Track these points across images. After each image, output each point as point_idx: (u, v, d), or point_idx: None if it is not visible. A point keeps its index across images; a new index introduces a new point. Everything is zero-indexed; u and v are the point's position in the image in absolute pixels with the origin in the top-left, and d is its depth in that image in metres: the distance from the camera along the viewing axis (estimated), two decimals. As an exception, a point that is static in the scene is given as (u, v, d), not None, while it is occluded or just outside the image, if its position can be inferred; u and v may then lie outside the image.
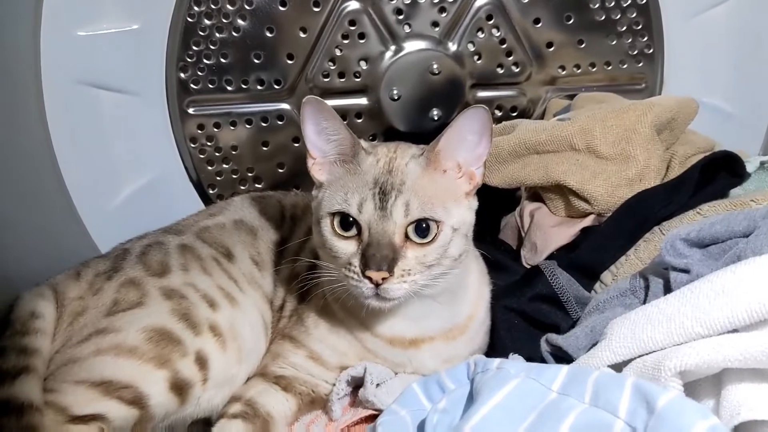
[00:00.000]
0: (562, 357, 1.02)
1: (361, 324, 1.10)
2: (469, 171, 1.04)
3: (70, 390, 1.00)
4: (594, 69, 1.64)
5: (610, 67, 1.64)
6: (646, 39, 1.61)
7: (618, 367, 0.86)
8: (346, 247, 1.00)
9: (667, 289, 0.96)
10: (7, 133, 1.36)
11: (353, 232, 0.99)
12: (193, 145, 1.60)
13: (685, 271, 0.93)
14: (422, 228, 0.98)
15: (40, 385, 1.01)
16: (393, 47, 1.59)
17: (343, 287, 1.01)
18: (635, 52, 1.62)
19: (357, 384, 1.11)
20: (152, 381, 1.03)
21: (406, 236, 0.98)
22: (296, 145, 1.64)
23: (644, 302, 1.00)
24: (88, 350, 1.04)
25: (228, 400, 1.11)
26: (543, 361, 1.05)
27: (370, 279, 0.95)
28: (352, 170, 1.03)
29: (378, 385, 1.08)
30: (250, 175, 1.65)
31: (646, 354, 0.83)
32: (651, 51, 1.62)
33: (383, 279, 0.95)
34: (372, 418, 1.04)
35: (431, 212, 0.98)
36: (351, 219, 0.99)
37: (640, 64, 1.64)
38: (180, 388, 1.05)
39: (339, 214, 1.00)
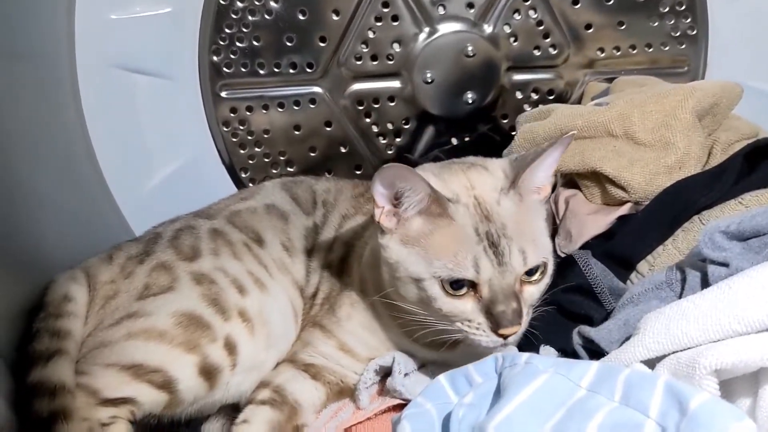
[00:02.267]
0: (595, 350, 0.99)
1: (406, 332, 1.08)
2: (543, 187, 1.02)
3: (101, 373, 1.02)
4: (634, 51, 1.59)
5: (651, 50, 1.59)
6: (689, 20, 1.56)
7: (651, 363, 0.84)
8: (463, 306, 0.95)
9: (705, 282, 0.93)
10: (43, 116, 1.38)
11: (465, 289, 0.94)
12: (225, 129, 1.60)
13: (724, 264, 0.90)
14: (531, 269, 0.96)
15: (72, 368, 1.03)
16: (427, 29, 1.56)
17: (450, 336, 0.98)
18: (678, 34, 1.57)
19: (385, 373, 1.11)
20: (182, 365, 1.04)
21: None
22: (328, 129, 1.63)
23: (680, 296, 0.97)
24: (119, 334, 1.06)
25: (257, 386, 1.11)
26: (575, 353, 1.03)
27: (503, 335, 0.93)
28: (443, 225, 0.95)
29: (406, 374, 1.08)
30: (282, 158, 1.65)
31: (681, 351, 0.80)
32: (694, 32, 1.57)
33: (515, 332, 0.94)
34: (399, 408, 1.03)
35: (542, 253, 0.96)
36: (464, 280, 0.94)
37: (683, 47, 1.58)
38: (209, 373, 1.06)
39: (449, 280, 0.94)
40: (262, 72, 1.57)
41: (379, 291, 1.06)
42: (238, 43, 1.53)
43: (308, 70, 1.58)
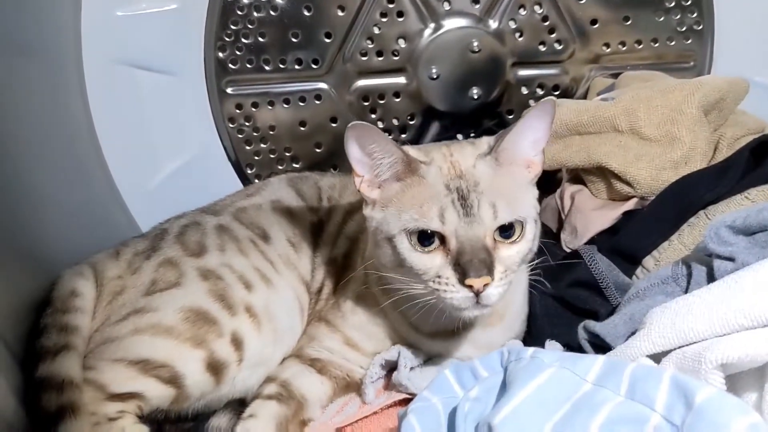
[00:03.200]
0: (600, 345, 0.99)
1: (406, 321, 1.09)
2: (529, 160, 1.01)
3: (109, 368, 1.03)
4: (640, 46, 1.59)
5: (656, 45, 1.58)
6: (695, 15, 1.55)
7: (657, 358, 0.84)
8: (431, 261, 0.94)
9: (711, 277, 0.93)
10: (50, 112, 1.38)
11: (435, 244, 0.94)
12: (231, 125, 1.60)
13: (730, 259, 0.90)
14: (506, 227, 0.94)
15: (80, 363, 1.03)
16: (432, 25, 1.56)
17: (426, 302, 0.96)
18: (683, 29, 1.57)
19: (391, 367, 1.11)
20: (188, 361, 1.05)
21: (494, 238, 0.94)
22: (334, 125, 1.63)
23: (686, 290, 0.97)
24: (126, 329, 1.06)
25: (263, 381, 1.12)
26: (580, 348, 1.03)
27: (470, 287, 0.90)
28: (414, 183, 0.97)
29: (412, 368, 1.08)
30: (287, 154, 1.65)
31: (687, 345, 0.80)
32: (700, 27, 1.56)
33: (485, 285, 0.90)
34: (405, 402, 1.04)
35: (517, 212, 0.95)
36: (430, 232, 0.94)
37: (689, 41, 1.58)
38: (215, 368, 1.06)
39: (416, 232, 0.94)
40: (267, 68, 1.57)
41: (381, 284, 1.07)
42: (243, 40, 1.53)
43: (313, 66, 1.58)
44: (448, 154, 1.00)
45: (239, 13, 1.51)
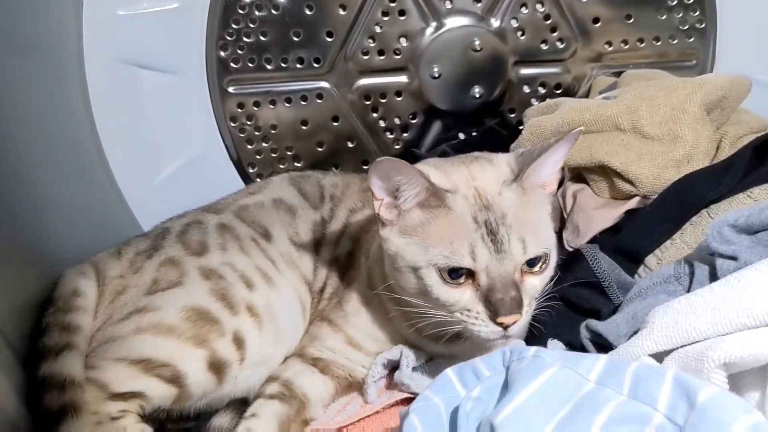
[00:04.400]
0: (602, 344, 0.99)
1: (411, 325, 1.08)
2: (546, 181, 1.01)
3: (111, 367, 1.03)
4: (642, 45, 1.59)
5: (659, 43, 1.58)
6: (697, 13, 1.55)
7: (659, 357, 0.83)
8: (460, 296, 0.94)
9: (713, 276, 0.93)
10: (52, 111, 1.39)
11: (464, 278, 0.93)
12: (233, 124, 1.60)
13: (733, 258, 0.90)
14: (533, 258, 0.94)
15: (81, 362, 1.04)
16: (434, 24, 1.56)
17: (450, 328, 0.97)
18: (686, 27, 1.56)
19: (393, 367, 1.11)
20: (190, 360, 1.05)
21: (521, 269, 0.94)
22: (335, 123, 1.63)
23: (689, 289, 0.97)
24: (128, 328, 1.07)
25: (265, 380, 1.12)
26: (582, 347, 1.03)
27: (501, 324, 0.91)
28: (440, 215, 0.95)
29: (414, 368, 1.08)
30: (289, 153, 1.65)
31: (689, 344, 0.80)
32: (703, 26, 1.56)
33: (515, 321, 0.91)
34: (407, 401, 1.03)
35: (544, 244, 0.95)
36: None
37: (691, 40, 1.58)
38: (217, 368, 1.06)
39: (447, 268, 0.93)
40: (269, 67, 1.57)
41: (390, 292, 1.06)
42: (245, 39, 1.53)
43: (315, 65, 1.58)
44: (470, 178, 0.98)
45: (241, 12, 1.51)
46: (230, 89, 1.58)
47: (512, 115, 1.65)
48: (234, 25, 1.52)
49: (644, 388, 0.68)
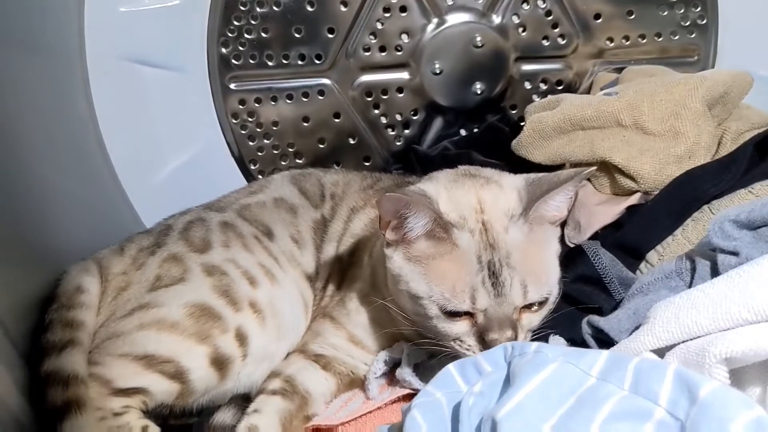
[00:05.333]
0: (604, 340, 0.99)
1: (412, 325, 1.08)
2: (555, 215, 1.00)
3: (114, 363, 1.03)
4: (644, 41, 1.59)
5: (660, 39, 1.58)
6: (699, 9, 1.55)
7: (660, 353, 0.84)
8: (457, 329, 0.95)
9: (715, 271, 0.93)
10: (54, 108, 1.39)
11: (462, 315, 0.94)
12: (234, 121, 1.61)
13: (734, 253, 0.90)
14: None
15: (85, 358, 1.04)
16: (435, 20, 1.56)
17: (432, 339, 0.98)
18: (687, 23, 1.56)
19: (395, 363, 1.11)
20: (193, 356, 1.05)
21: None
22: (337, 120, 1.63)
23: (690, 285, 0.97)
24: (131, 325, 1.07)
25: (267, 376, 1.12)
26: (584, 343, 1.03)
27: None
28: (446, 252, 0.94)
29: (416, 364, 1.08)
30: (291, 150, 1.65)
31: (691, 339, 0.80)
32: (704, 21, 1.56)
33: None
34: (409, 398, 1.03)
35: (545, 289, 0.95)
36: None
37: (693, 36, 1.58)
38: (220, 364, 1.06)
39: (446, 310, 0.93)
40: (270, 64, 1.57)
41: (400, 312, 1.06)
42: (246, 35, 1.54)
43: (317, 61, 1.58)
44: (478, 208, 0.96)
45: (242, 8, 1.51)
46: (232, 86, 1.58)
47: (514, 112, 1.65)
48: (235, 22, 1.52)
49: (646, 384, 0.69)
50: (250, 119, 1.61)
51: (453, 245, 0.94)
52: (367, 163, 1.68)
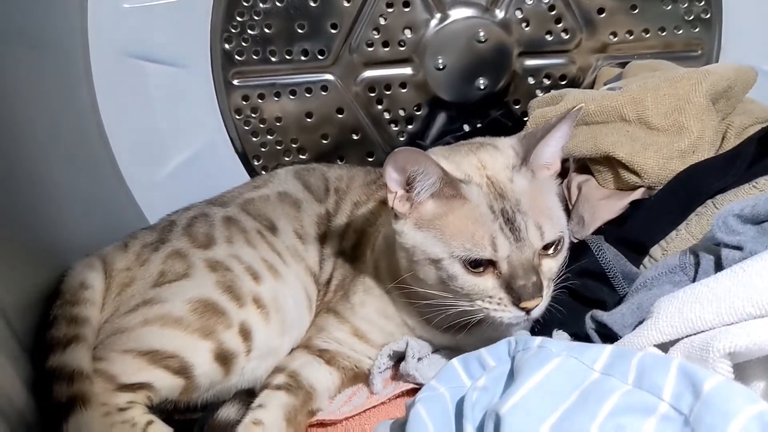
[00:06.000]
0: (607, 334, 0.99)
1: (419, 317, 1.08)
2: (550, 162, 1.02)
3: (119, 359, 1.03)
4: (647, 35, 1.58)
5: (664, 33, 1.58)
6: (702, 3, 1.54)
7: (664, 347, 0.84)
8: (483, 284, 0.95)
9: (719, 266, 0.93)
10: (57, 105, 1.39)
11: (485, 265, 0.95)
12: (237, 117, 1.61)
13: (738, 248, 0.90)
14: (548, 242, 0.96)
15: (89, 354, 1.04)
16: (438, 15, 1.56)
17: (470, 318, 0.98)
18: (691, 17, 1.56)
19: (399, 358, 1.11)
20: (197, 351, 1.05)
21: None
22: (340, 116, 1.63)
23: (694, 280, 0.97)
24: (135, 320, 1.07)
25: (272, 371, 1.12)
26: (587, 338, 1.03)
27: (524, 308, 0.93)
28: (457, 206, 0.96)
29: (420, 359, 1.08)
30: (294, 146, 1.65)
31: (694, 334, 0.80)
32: (708, 15, 1.55)
33: (537, 305, 0.94)
34: (413, 392, 1.04)
35: (558, 227, 0.97)
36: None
37: (697, 30, 1.57)
38: (224, 359, 1.07)
39: (469, 260, 0.94)
40: (273, 59, 1.57)
41: (394, 277, 1.07)
42: (249, 31, 1.53)
43: (320, 57, 1.58)
44: (480, 167, 0.99)
45: (245, 4, 1.51)
46: (235, 82, 1.58)
47: (517, 107, 1.65)
48: (238, 18, 1.52)
49: (649, 378, 0.69)
50: (253, 115, 1.61)
51: (464, 200, 0.95)
52: (370, 159, 1.68)
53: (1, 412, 0.92)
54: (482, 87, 1.60)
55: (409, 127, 1.65)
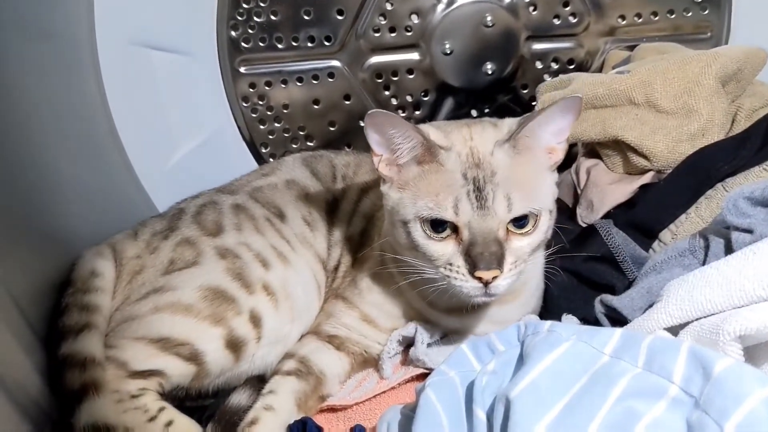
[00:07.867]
0: (617, 318, 1.00)
1: (423, 299, 1.08)
2: (550, 147, 1.01)
3: (130, 346, 1.04)
4: (656, 18, 1.57)
5: (673, 16, 1.56)
6: (712, -16, 1.53)
7: (674, 331, 0.84)
8: (443, 249, 0.96)
9: (729, 249, 0.93)
10: (65, 94, 1.39)
11: (448, 232, 0.95)
12: (245, 104, 1.60)
13: (748, 231, 0.90)
14: (519, 218, 0.95)
15: (101, 341, 1.05)
16: (445, 0, 1.55)
17: (437, 285, 0.98)
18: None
19: (408, 343, 1.12)
20: (208, 338, 1.06)
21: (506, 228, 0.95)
22: (347, 102, 1.62)
23: (704, 263, 0.97)
24: (146, 308, 1.08)
25: (282, 357, 1.13)
26: (597, 322, 1.03)
27: (479, 279, 0.92)
28: (432, 170, 0.97)
29: (429, 344, 1.09)
30: (301, 133, 1.65)
31: (704, 317, 0.80)
32: (717, -3, 1.54)
33: (494, 277, 0.92)
34: (422, 377, 1.04)
35: (532, 204, 0.95)
36: (444, 221, 0.95)
37: (706, 12, 1.55)
38: (235, 346, 1.07)
39: (429, 220, 0.95)
40: (280, 46, 1.56)
41: (397, 263, 1.07)
42: (255, 18, 1.53)
43: (326, 43, 1.57)
44: (468, 137, 0.99)
45: (251, -10, 1.51)
46: (242, 69, 1.58)
47: (525, 91, 1.64)
48: (244, 5, 1.52)
49: (659, 361, 0.69)
50: (260, 102, 1.61)
51: (439, 165, 0.96)
52: (378, 146, 1.67)
53: (16, 400, 0.93)
54: (490, 72, 1.60)
55: (417, 113, 1.65)
